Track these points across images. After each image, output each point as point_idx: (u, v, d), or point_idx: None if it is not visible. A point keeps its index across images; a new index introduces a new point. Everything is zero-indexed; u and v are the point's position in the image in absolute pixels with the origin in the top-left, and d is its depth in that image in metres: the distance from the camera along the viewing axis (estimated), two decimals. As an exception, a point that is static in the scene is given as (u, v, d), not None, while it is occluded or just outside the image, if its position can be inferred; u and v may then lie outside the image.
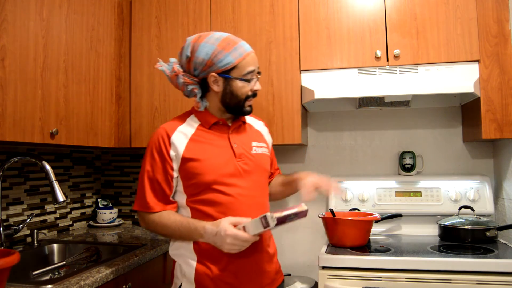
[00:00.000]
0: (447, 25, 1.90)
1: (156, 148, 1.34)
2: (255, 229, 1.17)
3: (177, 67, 1.37)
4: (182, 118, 1.42)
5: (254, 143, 1.44)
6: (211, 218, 1.29)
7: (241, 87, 1.35)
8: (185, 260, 1.32)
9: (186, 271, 1.31)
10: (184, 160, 1.32)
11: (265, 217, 1.14)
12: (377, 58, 1.94)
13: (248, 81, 1.35)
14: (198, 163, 1.31)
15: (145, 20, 2.23)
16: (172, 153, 1.33)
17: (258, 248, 1.33)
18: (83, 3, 1.90)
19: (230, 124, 1.42)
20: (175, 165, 1.33)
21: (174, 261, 1.38)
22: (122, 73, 2.23)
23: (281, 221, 1.16)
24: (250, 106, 1.40)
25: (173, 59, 1.40)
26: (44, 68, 1.65)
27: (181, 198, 1.36)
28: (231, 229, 1.19)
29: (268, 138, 1.57)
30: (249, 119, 1.53)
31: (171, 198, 1.36)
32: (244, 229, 1.19)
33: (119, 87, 2.22)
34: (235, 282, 1.29)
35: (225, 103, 1.37)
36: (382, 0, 1.97)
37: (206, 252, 1.29)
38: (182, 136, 1.35)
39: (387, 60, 1.94)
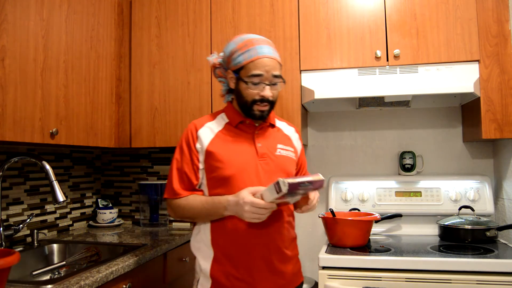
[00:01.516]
0: (447, 25, 1.90)
1: (186, 140, 1.43)
2: (270, 196, 1.19)
3: (217, 60, 1.48)
4: (214, 115, 1.50)
5: (279, 145, 1.46)
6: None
7: (245, 89, 1.38)
8: (203, 256, 1.38)
9: (203, 266, 1.37)
10: (208, 154, 1.39)
11: (277, 182, 1.16)
12: (377, 58, 1.94)
13: (254, 84, 1.36)
14: (219, 157, 1.37)
15: (145, 20, 2.23)
16: (198, 145, 1.41)
17: (273, 249, 1.36)
18: (83, 3, 1.90)
19: (257, 125, 1.46)
20: (201, 157, 1.41)
21: (194, 256, 1.43)
22: (122, 73, 2.23)
23: (293, 187, 1.17)
24: (261, 111, 1.39)
25: (222, 53, 1.48)
26: (44, 68, 1.65)
27: (204, 190, 1.43)
28: (249, 197, 1.23)
29: (297, 145, 1.57)
30: (279, 123, 1.56)
31: (197, 188, 1.43)
32: (261, 197, 1.23)
33: (119, 87, 2.22)
34: (249, 279, 1.32)
35: (238, 102, 1.44)
36: (382, 0, 1.97)
37: (223, 247, 1.35)
38: (209, 131, 1.43)
39: (387, 60, 1.94)
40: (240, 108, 1.44)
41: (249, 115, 1.42)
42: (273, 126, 1.51)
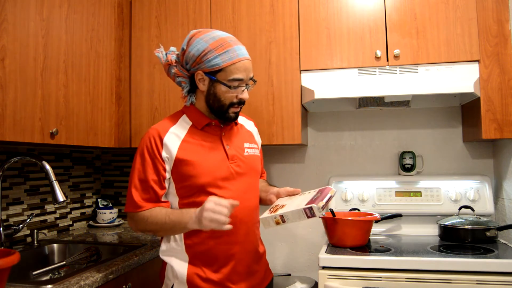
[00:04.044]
0: (447, 25, 1.90)
1: (148, 149, 1.32)
2: (296, 219, 1.19)
3: (172, 57, 1.37)
4: (174, 118, 1.41)
5: (246, 145, 1.44)
6: None
7: (225, 92, 1.32)
8: (177, 261, 1.32)
9: (178, 272, 1.31)
10: (177, 162, 1.31)
11: (310, 208, 1.15)
12: (377, 58, 1.94)
13: (233, 87, 1.31)
14: (191, 165, 1.30)
15: (145, 20, 2.23)
16: (164, 154, 1.31)
17: (249, 249, 1.35)
18: (83, 3, 1.90)
19: (222, 126, 1.41)
20: (168, 167, 1.32)
21: (165, 263, 1.37)
22: (122, 73, 2.23)
23: (323, 209, 1.19)
24: (235, 113, 1.36)
25: (173, 48, 1.39)
26: (44, 68, 1.65)
27: (173, 199, 1.35)
28: (214, 197, 1.20)
29: (258, 139, 1.56)
30: (240, 119, 1.51)
31: (162, 199, 1.34)
32: (281, 218, 1.20)
33: (119, 87, 2.22)
34: (227, 283, 1.31)
35: (209, 104, 1.36)
36: (382, 0, 1.97)
37: (199, 253, 1.31)
38: (175, 137, 1.34)
39: (387, 60, 1.94)
40: (213, 111, 1.36)
41: (223, 117, 1.36)
42: (236, 124, 1.47)
